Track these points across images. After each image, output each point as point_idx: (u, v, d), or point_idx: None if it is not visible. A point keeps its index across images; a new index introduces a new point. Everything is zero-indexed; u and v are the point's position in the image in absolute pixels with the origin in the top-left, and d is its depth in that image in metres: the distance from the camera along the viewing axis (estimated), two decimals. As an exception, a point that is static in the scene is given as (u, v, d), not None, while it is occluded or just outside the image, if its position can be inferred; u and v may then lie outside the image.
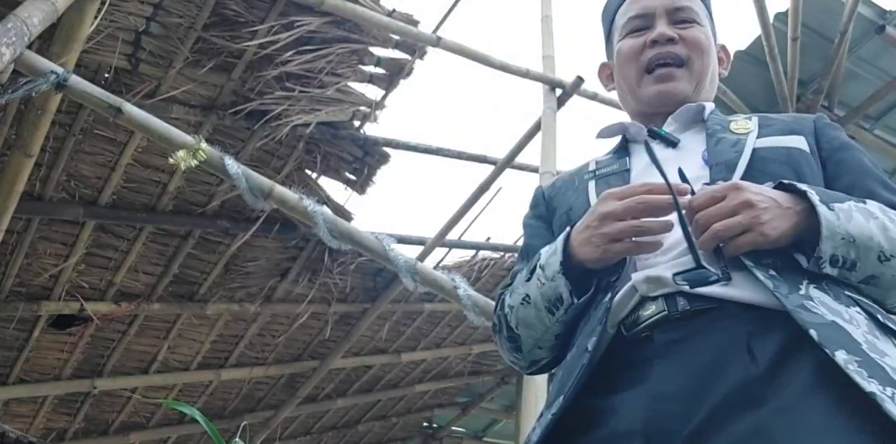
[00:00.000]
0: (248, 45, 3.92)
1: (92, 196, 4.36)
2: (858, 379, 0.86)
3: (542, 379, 3.71)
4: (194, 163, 2.78)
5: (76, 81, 2.75)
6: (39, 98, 3.01)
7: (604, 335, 1.07)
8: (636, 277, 1.09)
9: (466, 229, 5.65)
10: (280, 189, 3.02)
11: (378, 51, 4.34)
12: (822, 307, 0.97)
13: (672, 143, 1.27)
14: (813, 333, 0.92)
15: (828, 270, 1.01)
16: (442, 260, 5.80)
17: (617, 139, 1.40)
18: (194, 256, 4.89)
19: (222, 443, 2.01)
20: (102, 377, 5.27)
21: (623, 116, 1.48)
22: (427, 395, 7.13)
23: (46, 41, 3.12)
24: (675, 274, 1.06)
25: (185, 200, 4.62)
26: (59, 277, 4.59)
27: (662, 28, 1.33)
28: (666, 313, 1.04)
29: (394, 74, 4.45)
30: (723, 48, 1.47)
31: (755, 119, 1.29)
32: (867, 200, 1.08)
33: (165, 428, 5.92)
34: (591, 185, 1.30)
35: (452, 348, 6.56)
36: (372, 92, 4.50)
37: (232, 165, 2.91)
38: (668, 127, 1.31)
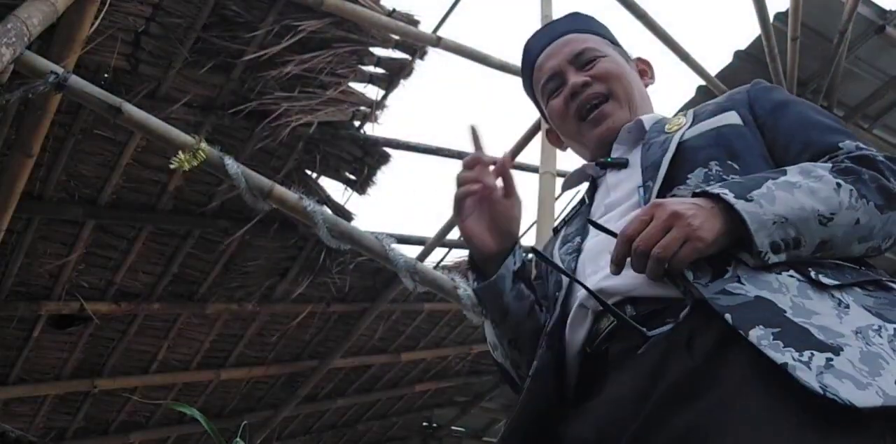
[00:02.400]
0: (248, 49, 3.93)
1: (92, 196, 4.36)
2: (771, 353, 0.87)
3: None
4: (194, 163, 2.78)
5: (76, 81, 2.75)
6: (39, 98, 3.01)
7: (545, 357, 1.13)
8: (581, 294, 1.13)
9: (466, 229, 5.65)
10: (280, 189, 3.02)
11: (378, 51, 4.34)
12: (748, 284, 0.97)
13: (621, 165, 1.30)
14: (728, 316, 0.93)
15: (774, 259, 0.99)
16: (442, 260, 5.81)
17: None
18: (194, 255, 4.89)
19: (222, 443, 2.01)
20: (102, 376, 5.27)
21: None
22: (426, 394, 7.14)
23: (46, 41, 3.12)
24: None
25: (184, 199, 4.62)
26: (59, 276, 4.59)
27: (573, 79, 1.38)
28: (616, 322, 1.07)
29: (394, 74, 4.45)
30: (639, 60, 1.50)
31: (691, 112, 1.31)
32: (786, 170, 1.06)
33: (165, 428, 5.93)
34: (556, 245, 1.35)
35: (452, 347, 6.57)
36: (372, 92, 4.51)
37: (232, 165, 2.91)
38: (616, 153, 1.34)
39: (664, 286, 1.04)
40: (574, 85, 1.37)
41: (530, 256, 1.44)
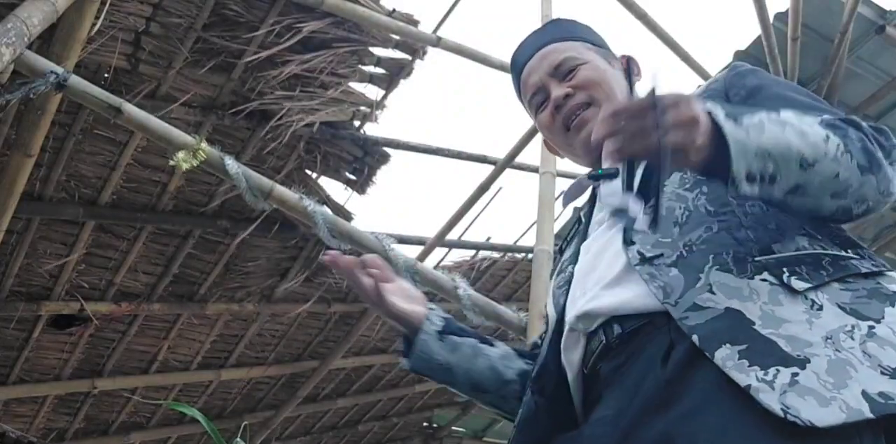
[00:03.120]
0: (248, 49, 3.93)
1: (92, 196, 4.36)
2: (735, 374, 0.88)
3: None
4: (195, 163, 2.78)
5: (76, 81, 2.75)
6: (39, 98, 3.01)
7: (531, 404, 1.16)
8: (569, 319, 1.13)
9: (466, 229, 5.66)
10: (280, 189, 3.02)
11: (378, 51, 4.34)
12: (719, 294, 0.97)
13: (611, 175, 1.29)
14: (695, 338, 0.94)
15: (746, 189, 0.97)
16: (442, 260, 5.81)
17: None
18: (194, 255, 4.89)
19: (223, 443, 2.01)
20: (102, 376, 5.27)
21: None
22: (427, 395, 7.13)
23: (46, 41, 3.12)
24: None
25: (185, 199, 4.62)
26: (59, 277, 4.59)
27: (555, 92, 1.38)
28: (605, 341, 1.08)
29: (394, 74, 4.45)
30: (624, 58, 1.48)
31: None
32: (782, 110, 1.04)
33: (165, 428, 5.92)
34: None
35: (452, 347, 6.56)
36: (372, 92, 4.51)
37: (232, 165, 2.91)
38: (606, 162, 1.33)
39: (646, 299, 1.03)
40: (556, 98, 1.37)
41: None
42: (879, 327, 0.93)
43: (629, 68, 1.46)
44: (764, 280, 0.98)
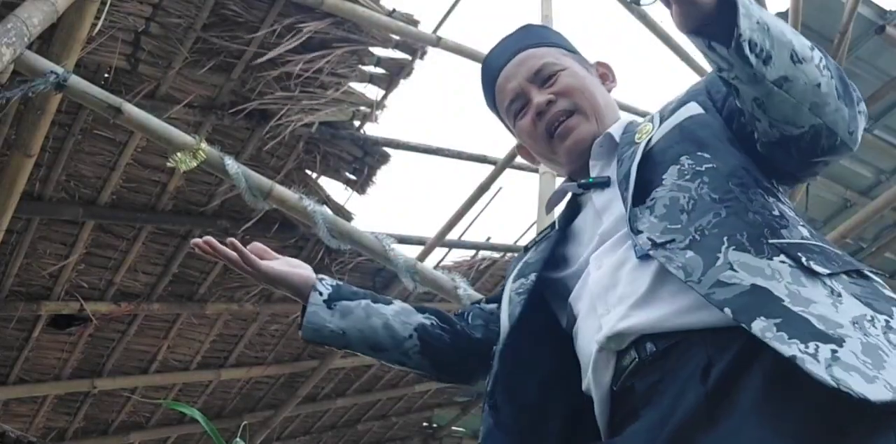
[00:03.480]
0: (248, 49, 3.93)
1: (92, 196, 4.36)
2: (777, 345, 0.87)
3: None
4: (194, 164, 2.78)
5: (76, 81, 2.75)
6: (39, 98, 3.01)
7: (489, 421, 1.18)
8: (598, 340, 1.12)
9: (466, 229, 5.66)
10: (280, 189, 3.02)
11: (378, 51, 4.34)
12: (742, 272, 0.97)
13: (604, 183, 1.28)
14: (727, 310, 0.93)
15: (748, 53, 0.97)
16: (442, 260, 5.80)
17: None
18: (194, 255, 4.88)
19: (222, 443, 2.01)
20: (102, 376, 5.26)
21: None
22: (427, 395, 7.13)
23: (46, 41, 3.12)
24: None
25: (184, 199, 4.62)
26: (58, 277, 4.59)
27: (536, 98, 1.36)
28: (638, 359, 1.06)
29: (394, 74, 4.45)
30: (599, 64, 1.49)
31: (657, 114, 1.29)
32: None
33: (165, 428, 5.92)
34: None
35: (452, 347, 6.56)
36: (372, 92, 4.51)
37: (232, 165, 2.91)
38: (594, 170, 1.33)
39: (680, 318, 1.03)
40: (539, 105, 1.35)
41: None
42: (892, 321, 0.93)
43: (603, 74, 1.46)
44: (783, 262, 0.98)
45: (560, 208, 1.43)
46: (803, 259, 0.99)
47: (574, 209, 1.36)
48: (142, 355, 5.35)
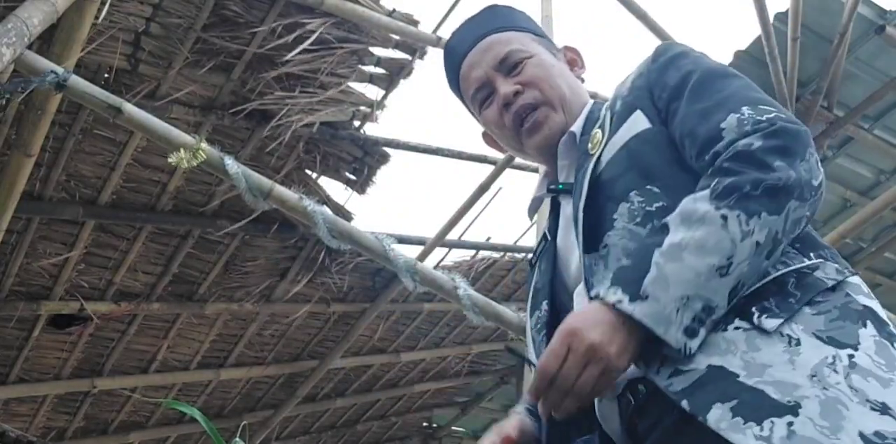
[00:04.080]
0: (248, 49, 3.93)
1: (92, 196, 4.36)
2: (732, 435, 0.88)
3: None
4: (194, 163, 2.78)
5: (76, 81, 2.74)
6: (39, 98, 3.01)
7: None
8: None
9: (466, 229, 5.66)
10: (280, 189, 3.02)
11: (378, 51, 4.34)
12: (698, 355, 0.96)
13: (568, 191, 1.25)
14: (684, 404, 0.94)
15: (696, 343, 0.96)
16: (442, 260, 5.81)
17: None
18: (194, 255, 4.89)
19: (222, 443, 2.01)
20: (102, 376, 5.26)
21: None
22: (426, 395, 7.13)
23: (46, 41, 3.12)
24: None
25: (184, 199, 4.62)
26: (58, 276, 4.59)
27: (502, 88, 1.32)
28: (634, 402, 1.06)
29: (394, 74, 4.45)
30: (567, 49, 1.44)
31: (607, 113, 1.24)
32: (669, 224, 1.01)
33: (165, 428, 5.92)
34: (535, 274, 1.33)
35: (452, 347, 6.57)
36: (372, 92, 4.51)
37: (232, 165, 2.91)
38: (563, 172, 1.30)
39: None
40: (506, 95, 1.31)
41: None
42: (858, 355, 0.93)
43: (572, 59, 1.41)
44: (737, 328, 0.97)
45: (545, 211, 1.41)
46: (755, 317, 0.98)
47: (556, 213, 1.32)
48: (142, 354, 5.35)
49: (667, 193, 1.09)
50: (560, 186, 1.27)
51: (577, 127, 1.28)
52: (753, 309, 0.98)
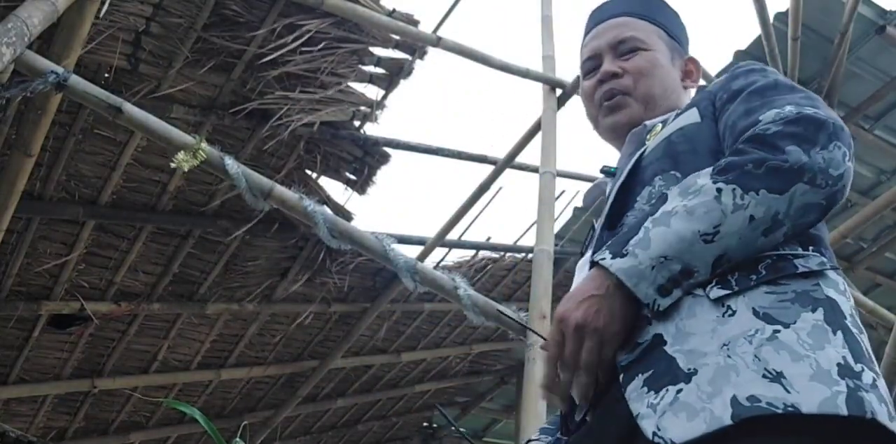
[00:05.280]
0: (248, 49, 3.92)
1: (92, 196, 4.36)
2: (633, 405, 0.92)
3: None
4: (195, 163, 2.78)
5: (76, 80, 2.75)
6: (39, 98, 3.01)
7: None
8: None
9: (466, 229, 5.66)
10: (280, 189, 3.02)
11: (378, 51, 4.34)
12: (654, 323, 0.99)
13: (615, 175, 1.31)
14: (621, 376, 0.97)
15: (667, 302, 0.98)
16: (442, 260, 5.80)
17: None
18: (194, 255, 4.89)
19: (222, 443, 2.01)
20: (102, 376, 5.27)
21: None
22: (427, 395, 7.13)
23: (46, 41, 3.12)
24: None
25: (185, 199, 4.62)
26: (58, 276, 4.59)
27: (606, 66, 1.41)
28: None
29: (394, 74, 4.45)
30: (690, 60, 1.50)
31: (674, 112, 1.31)
32: (667, 195, 1.05)
33: (165, 428, 5.92)
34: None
35: (452, 347, 6.56)
36: (372, 92, 4.50)
37: (232, 165, 2.91)
38: (622, 159, 1.36)
39: None
40: (605, 72, 1.40)
41: None
42: (785, 331, 0.92)
43: (689, 70, 1.49)
44: (692, 295, 0.99)
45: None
46: (708, 287, 0.99)
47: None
48: (142, 354, 5.35)
49: (686, 177, 1.12)
50: (612, 169, 1.35)
51: (652, 123, 1.34)
52: (714, 280, 0.99)
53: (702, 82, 1.53)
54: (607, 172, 1.36)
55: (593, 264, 1.04)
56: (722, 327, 0.94)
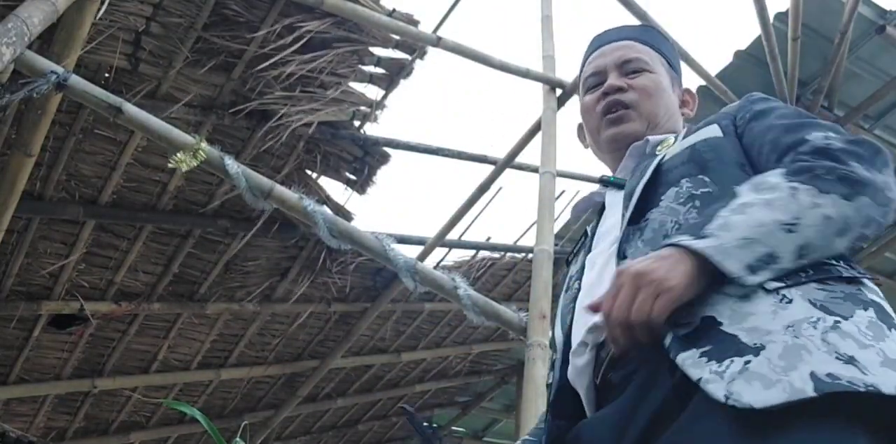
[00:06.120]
0: (248, 49, 3.93)
1: (92, 196, 4.36)
2: (690, 370, 0.92)
3: (542, 379, 3.71)
4: (195, 164, 2.78)
5: (76, 80, 2.75)
6: (39, 98, 3.00)
7: (554, 428, 1.18)
8: (577, 332, 1.15)
9: (466, 229, 5.66)
10: (280, 189, 3.02)
11: (378, 51, 4.34)
12: (698, 306, 0.99)
13: (620, 185, 1.32)
14: (672, 354, 0.96)
15: (755, 279, 0.98)
16: (442, 260, 5.81)
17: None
18: (194, 255, 4.89)
19: (223, 443, 2.01)
20: (102, 376, 5.27)
21: None
22: (427, 395, 7.13)
23: (46, 41, 3.12)
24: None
25: (185, 199, 4.62)
26: (59, 276, 4.59)
27: (612, 80, 1.44)
28: (612, 352, 1.08)
29: (394, 74, 4.45)
30: (687, 92, 1.55)
31: (683, 131, 1.34)
32: (738, 191, 1.06)
33: (165, 428, 5.93)
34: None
35: (452, 347, 6.57)
36: (372, 92, 4.51)
37: (232, 164, 2.91)
38: (623, 170, 1.38)
39: None
40: (610, 86, 1.43)
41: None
42: (845, 323, 0.94)
43: (685, 100, 1.52)
44: (741, 286, 0.99)
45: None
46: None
47: (600, 214, 1.39)
48: (142, 354, 5.35)
49: (716, 183, 1.14)
50: (612, 179, 1.36)
51: (655, 139, 1.36)
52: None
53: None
54: (607, 181, 1.36)
55: (666, 246, 1.03)
56: (783, 311, 0.95)
